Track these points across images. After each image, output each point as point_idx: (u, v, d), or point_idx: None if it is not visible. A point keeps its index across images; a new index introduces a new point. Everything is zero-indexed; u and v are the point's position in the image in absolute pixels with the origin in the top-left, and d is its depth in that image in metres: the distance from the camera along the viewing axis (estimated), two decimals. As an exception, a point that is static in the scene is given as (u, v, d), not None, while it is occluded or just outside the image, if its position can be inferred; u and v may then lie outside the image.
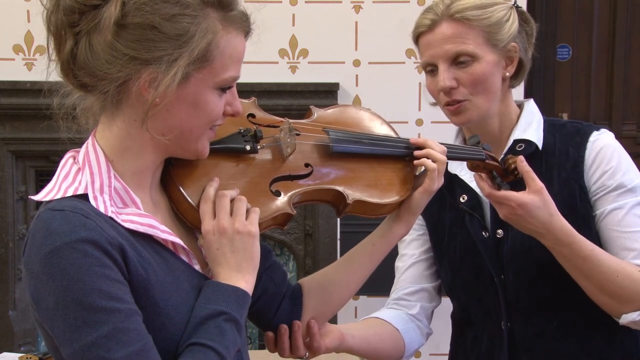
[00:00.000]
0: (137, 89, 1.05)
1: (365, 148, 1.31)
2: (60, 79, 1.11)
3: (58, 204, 1.03)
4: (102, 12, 1.03)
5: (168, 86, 1.03)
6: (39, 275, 0.99)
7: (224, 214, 1.13)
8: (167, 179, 1.17)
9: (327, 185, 1.26)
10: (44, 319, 1.01)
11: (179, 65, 1.04)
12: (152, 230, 1.08)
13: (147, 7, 1.03)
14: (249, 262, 1.14)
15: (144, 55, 1.03)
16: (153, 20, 1.03)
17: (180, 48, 1.04)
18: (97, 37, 1.04)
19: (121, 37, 1.03)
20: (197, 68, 1.06)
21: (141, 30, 1.03)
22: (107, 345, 0.97)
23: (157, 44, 1.03)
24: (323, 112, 1.35)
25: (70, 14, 1.04)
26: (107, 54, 1.03)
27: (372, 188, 1.29)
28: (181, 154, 1.14)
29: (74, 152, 1.13)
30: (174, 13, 1.04)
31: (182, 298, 1.08)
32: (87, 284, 0.97)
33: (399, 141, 1.36)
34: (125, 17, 1.02)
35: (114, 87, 1.05)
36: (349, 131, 1.32)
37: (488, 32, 1.49)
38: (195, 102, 1.08)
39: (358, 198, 1.27)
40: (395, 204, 1.32)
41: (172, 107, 1.07)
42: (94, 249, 0.98)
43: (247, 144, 1.20)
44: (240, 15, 1.11)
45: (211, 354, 1.05)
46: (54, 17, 1.06)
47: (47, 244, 0.98)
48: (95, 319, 0.97)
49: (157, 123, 1.07)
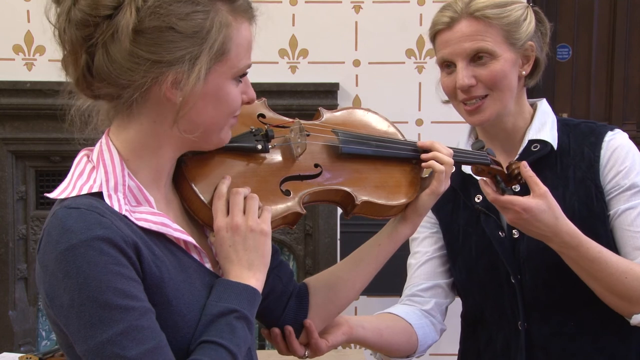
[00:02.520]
0: (162, 92, 1.05)
1: (374, 150, 1.32)
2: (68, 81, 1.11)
3: (73, 202, 1.03)
4: (116, 21, 1.03)
5: (194, 84, 1.05)
6: (55, 273, 0.99)
7: (238, 211, 1.14)
8: (180, 177, 1.17)
9: (336, 186, 1.27)
10: (59, 316, 1.02)
11: (202, 61, 1.05)
12: (164, 229, 1.09)
13: (161, 9, 1.03)
14: (260, 260, 1.15)
15: (166, 57, 1.04)
16: (169, 21, 1.04)
17: (200, 45, 1.05)
18: (115, 46, 1.03)
19: (140, 42, 1.03)
20: (217, 62, 1.08)
21: (159, 33, 1.04)
22: (122, 343, 0.98)
23: (177, 44, 1.04)
24: (331, 114, 1.37)
25: (84, 28, 1.04)
26: (128, 61, 1.03)
27: (380, 189, 1.31)
28: (203, 146, 1.15)
29: (88, 150, 1.13)
30: (188, 11, 1.05)
31: (194, 296, 1.09)
32: (103, 282, 0.98)
33: (406, 143, 1.37)
34: (142, 23, 1.03)
35: (139, 93, 1.05)
36: (358, 133, 1.34)
37: (507, 31, 1.50)
38: (217, 96, 1.10)
39: (366, 199, 1.28)
40: (402, 205, 1.33)
41: (197, 104, 1.08)
42: (109, 247, 0.99)
43: (259, 143, 1.21)
44: (245, 4, 1.13)
45: (222, 351, 1.06)
46: (67, 33, 1.06)
47: (63, 241, 0.99)
48: (111, 317, 0.98)
49: (184, 122, 1.08)
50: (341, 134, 1.31)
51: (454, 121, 3.42)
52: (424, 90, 3.43)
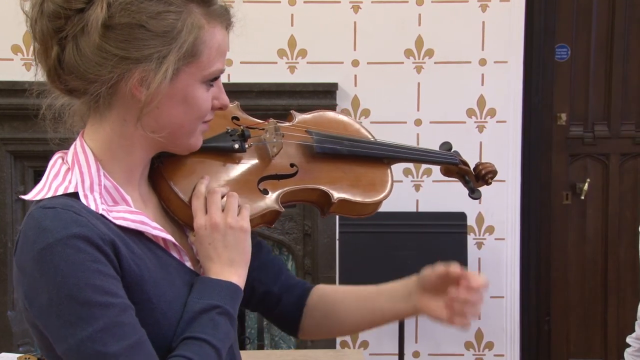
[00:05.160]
0: (129, 89, 1.06)
1: (347, 149, 1.35)
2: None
3: (49, 202, 1.04)
4: (87, 15, 1.03)
5: (160, 83, 1.05)
6: (32, 273, 1.00)
7: (216, 209, 1.15)
8: (157, 176, 1.18)
9: (312, 184, 1.30)
10: (38, 317, 1.02)
11: (169, 61, 1.05)
12: (143, 227, 1.09)
13: (132, 6, 1.04)
14: (241, 256, 1.16)
15: (133, 54, 1.04)
16: (140, 18, 1.04)
17: (169, 44, 1.05)
18: (85, 40, 1.04)
19: (109, 38, 1.04)
20: (186, 63, 1.07)
21: (129, 29, 1.04)
22: (103, 339, 0.98)
23: (146, 42, 1.04)
24: (303, 116, 1.39)
25: (56, 20, 1.05)
26: (96, 56, 1.04)
27: (355, 188, 1.34)
28: (174, 149, 1.15)
29: (62, 153, 1.14)
30: (160, 10, 1.05)
31: (174, 294, 1.09)
32: (81, 280, 0.98)
33: (376, 143, 1.40)
34: (112, 18, 1.03)
35: (105, 88, 1.05)
36: (331, 133, 1.36)
37: None
38: (184, 98, 1.09)
39: (342, 197, 1.31)
40: (376, 203, 1.35)
41: (163, 104, 1.08)
42: (86, 245, 0.99)
43: (236, 143, 1.23)
44: (221, 9, 1.13)
45: (206, 347, 1.06)
46: (39, 24, 1.07)
47: (40, 241, 0.99)
48: (90, 314, 0.98)
49: (149, 121, 1.08)
50: (315, 134, 1.33)
51: (452, 121, 3.44)
52: (423, 91, 3.43)
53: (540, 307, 3.69)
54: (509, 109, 3.44)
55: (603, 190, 3.66)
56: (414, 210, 3.44)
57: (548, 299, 3.70)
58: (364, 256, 3.12)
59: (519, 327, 3.55)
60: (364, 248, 3.12)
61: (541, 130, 3.60)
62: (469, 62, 3.43)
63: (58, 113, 1.14)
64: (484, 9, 3.40)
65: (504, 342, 3.54)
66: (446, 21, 3.40)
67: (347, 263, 3.16)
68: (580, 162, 3.67)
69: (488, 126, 3.44)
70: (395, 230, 3.16)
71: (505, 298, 3.52)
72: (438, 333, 3.54)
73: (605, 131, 3.63)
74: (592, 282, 3.71)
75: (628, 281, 3.66)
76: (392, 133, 3.37)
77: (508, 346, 3.54)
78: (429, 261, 3.30)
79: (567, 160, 3.66)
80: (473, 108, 3.44)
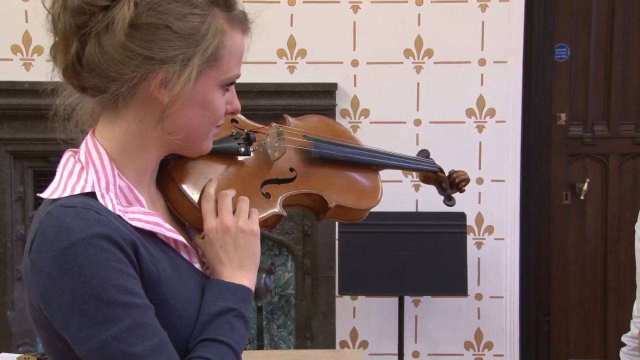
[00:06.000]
0: (150, 90, 1.05)
1: (343, 155, 1.37)
2: (60, 80, 1.10)
3: (68, 201, 1.03)
4: (112, 13, 1.02)
5: (184, 85, 1.05)
6: (52, 273, 0.98)
7: (227, 212, 1.15)
8: (166, 178, 1.18)
9: (310, 189, 1.30)
10: (56, 318, 1.00)
11: (194, 64, 1.05)
12: (157, 228, 1.09)
13: (159, 7, 1.03)
14: (251, 260, 1.17)
15: (158, 54, 1.04)
16: (166, 19, 1.03)
17: (194, 47, 1.05)
18: (109, 38, 1.03)
19: (135, 37, 1.03)
20: (208, 67, 1.07)
21: (155, 29, 1.03)
22: (128, 340, 0.98)
23: (172, 43, 1.04)
24: (296, 120, 1.40)
25: (79, 16, 1.04)
26: (120, 54, 1.03)
27: (350, 193, 1.35)
28: (186, 152, 1.15)
29: (73, 151, 1.12)
30: (185, 12, 1.05)
31: (188, 296, 1.10)
32: (105, 279, 0.98)
33: (366, 149, 1.42)
34: (139, 17, 1.03)
35: (126, 88, 1.05)
36: (327, 138, 1.38)
37: None
38: (203, 101, 1.09)
39: (339, 203, 1.32)
40: (367, 209, 1.37)
41: (183, 107, 1.07)
42: (109, 245, 0.99)
43: (241, 146, 1.23)
44: (242, 14, 1.13)
45: (225, 348, 1.07)
46: (61, 19, 1.05)
47: (61, 240, 0.98)
48: (115, 314, 0.98)
49: (167, 122, 1.08)
50: (312, 139, 1.34)
51: (451, 121, 3.44)
52: (422, 91, 3.43)
53: (540, 307, 3.69)
54: (509, 109, 3.44)
55: (602, 191, 3.66)
56: (413, 210, 3.44)
57: (548, 299, 3.70)
58: (363, 256, 3.12)
59: (519, 327, 3.55)
60: (364, 248, 3.12)
61: (541, 130, 3.60)
62: (469, 62, 3.43)
63: (69, 111, 1.13)
64: (483, 9, 3.40)
65: (503, 342, 3.54)
66: (446, 21, 3.40)
67: (347, 263, 3.16)
68: (579, 162, 3.67)
69: (487, 126, 3.44)
70: (395, 230, 3.16)
71: (504, 298, 3.52)
72: (438, 333, 3.54)
73: (605, 131, 3.63)
74: (591, 282, 3.71)
75: (628, 281, 3.66)
76: (391, 133, 3.37)
77: (508, 346, 3.54)
78: (429, 261, 3.33)
79: (567, 160, 3.66)
80: (472, 108, 3.44)
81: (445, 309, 3.52)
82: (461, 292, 3.16)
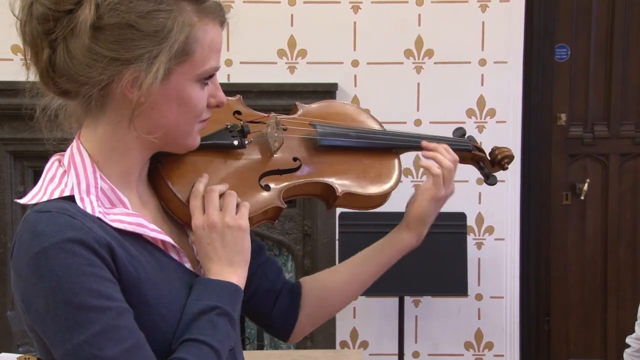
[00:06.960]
0: (120, 90, 1.04)
1: (352, 141, 1.33)
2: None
3: (44, 206, 1.03)
4: (76, 17, 1.02)
5: (151, 84, 1.03)
6: (28, 278, 0.99)
7: (213, 209, 1.14)
8: (156, 177, 1.17)
9: (316, 178, 1.28)
10: (35, 322, 1.01)
11: (160, 61, 1.03)
12: (141, 229, 1.08)
13: (121, 6, 1.02)
14: (240, 256, 1.15)
15: (124, 55, 1.02)
16: (129, 19, 1.02)
17: (160, 44, 1.04)
18: (75, 42, 1.02)
19: (99, 39, 1.02)
20: (178, 63, 1.06)
21: (118, 30, 1.02)
22: (100, 343, 0.97)
23: (136, 42, 1.03)
24: (308, 107, 1.37)
25: (45, 22, 1.03)
26: (86, 57, 1.02)
27: (361, 180, 1.32)
28: (171, 149, 1.14)
29: (59, 155, 1.13)
30: (149, 10, 1.03)
31: (173, 296, 1.09)
32: (77, 284, 0.97)
33: (386, 133, 1.38)
34: (101, 19, 1.01)
35: (97, 90, 1.04)
36: (336, 125, 1.34)
37: None
38: (179, 98, 1.08)
39: (347, 190, 1.29)
40: (383, 195, 1.34)
41: (157, 105, 1.06)
42: (81, 249, 0.98)
43: (235, 139, 1.22)
44: (214, 5, 1.11)
45: (205, 348, 1.06)
46: (28, 26, 1.05)
47: (35, 245, 0.98)
48: (87, 318, 0.97)
49: (143, 122, 1.07)
50: (319, 127, 1.31)
51: (452, 121, 3.44)
52: (423, 91, 3.44)
53: (540, 307, 3.69)
54: (509, 109, 3.44)
55: (603, 191, 3.66)
56: (413, 211, 3.43)
57: (548, 299, 3.70)
58: (363, 256, 3.12)
59: (519, 327, 3.55)
60: (364, 248, 3.12)
61: (541, 130, 3.60)
62: (469, 62, 3.43)
63: (54, 114, 1.13)
64: (483, 9, 3.40)
65: (503, 342, 3.54)
66: (446, 21, 3.41)
67: (347, 263, 3.15)
68: (579, 162, 3.67)
69: (488, 126, 3.44)
70: (395, 230, 3.15)
71: (505, 298, 3.52)
72: (438, 333, 3.54)
73: (605, 131, 3.63)
74: (591, 283, 3.71)
75: (628, 281, 3.67)
76: (391, 133, 3.38)
77: (508, 346, 3.54)
78: (429, 261, 3.32)
79: (567, 161, 3.66)
80: (473, 108, 3.44)
81: (445, 309, 3.52)
82: (461, 292, 3.16)
